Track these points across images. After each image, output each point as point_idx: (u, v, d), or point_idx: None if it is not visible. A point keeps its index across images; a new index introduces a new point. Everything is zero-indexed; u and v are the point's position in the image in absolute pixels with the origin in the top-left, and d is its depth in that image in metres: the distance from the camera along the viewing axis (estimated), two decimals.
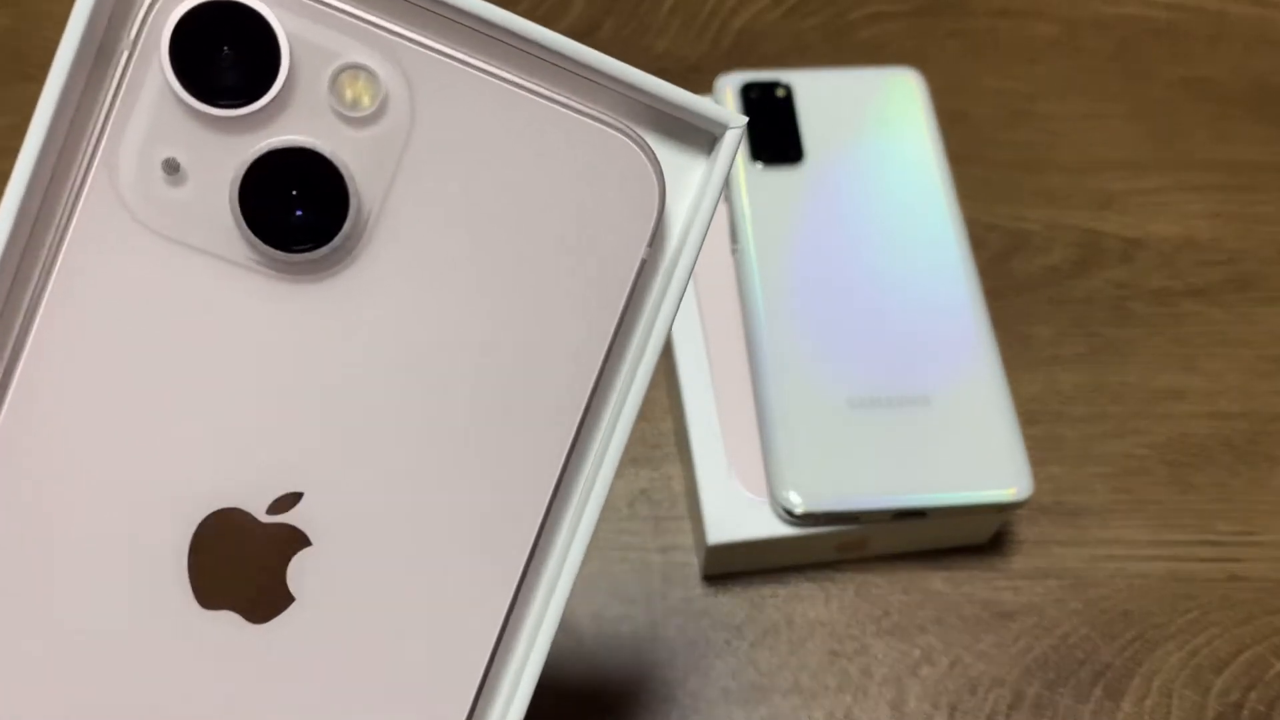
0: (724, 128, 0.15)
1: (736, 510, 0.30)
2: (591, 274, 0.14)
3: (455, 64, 0.14)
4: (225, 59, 0.13)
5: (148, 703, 0.14)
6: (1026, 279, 0.38)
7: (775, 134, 0.35)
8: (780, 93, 0.36)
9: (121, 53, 0.14)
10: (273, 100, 0.13)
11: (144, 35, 0.13)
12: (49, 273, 0.14)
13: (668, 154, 0.15)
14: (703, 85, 0.41)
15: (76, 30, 0.13)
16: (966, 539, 0.32)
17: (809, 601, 0.32)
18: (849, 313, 0.32)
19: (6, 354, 0.14)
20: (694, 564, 0.32)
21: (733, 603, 0.32)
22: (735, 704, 0.30)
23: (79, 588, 0.14)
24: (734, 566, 0.32)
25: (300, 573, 0.14)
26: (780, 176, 0.34)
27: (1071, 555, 0.33)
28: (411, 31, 0.14)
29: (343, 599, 0.14)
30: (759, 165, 0.34)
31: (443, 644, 0.14)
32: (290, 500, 0.14)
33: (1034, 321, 0.37)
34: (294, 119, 0.13)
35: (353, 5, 0.13)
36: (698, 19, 0.44)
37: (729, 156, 0.15)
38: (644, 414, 0.35)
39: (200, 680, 0.14)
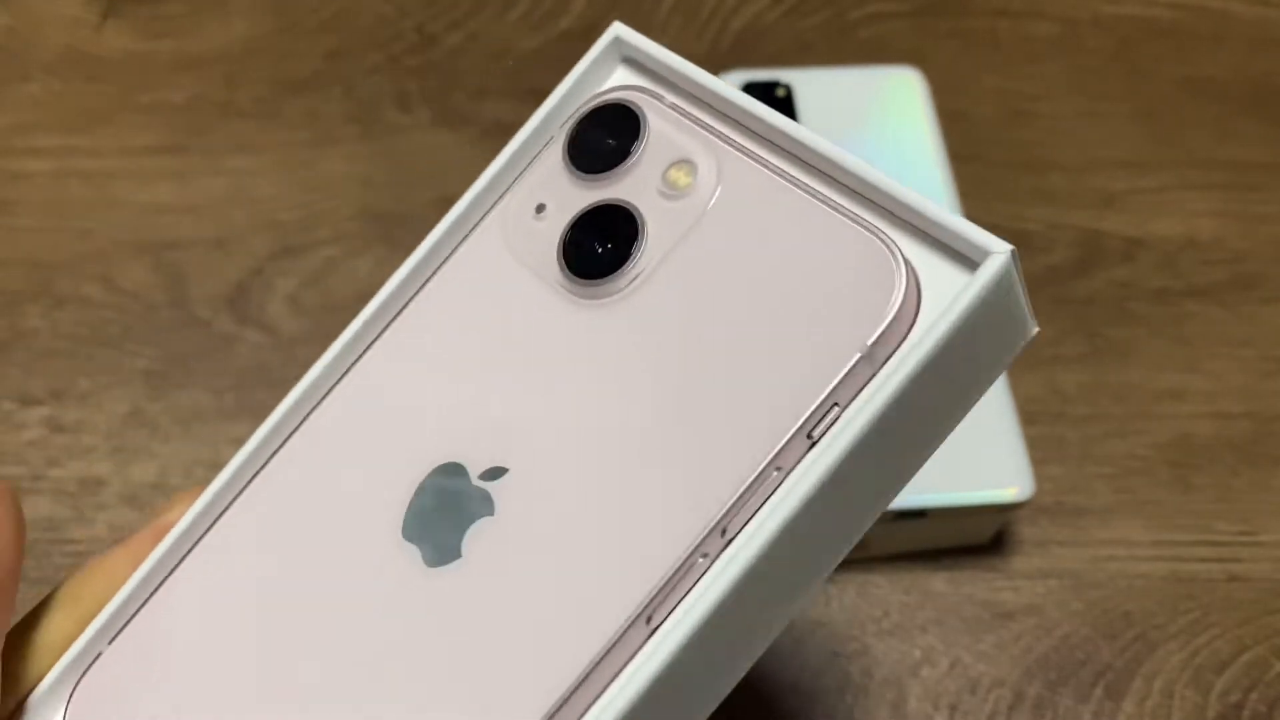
0: (985, 253, 0.15)
1: None
2: (810, 355, 0.15)
3: (757, 164, 0.17)
4: (602, 140, 0.18)
5: (336, 590, 0.17)
6: (1027, 278, 0.38)
7: None
8: (780, 92, 0.36)
9: (550, 138, 0.18)
10: (618, 172, 0.17)
11: (561, 128, 0.18)
12: (446, 261, 0.18)
13: (936, 265, 0.16)
14: None
15: (529, 128, 0.18)
16: (967, 539, 0.32)
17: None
18: None
19: (394, 313, 0.18)
20: None
21: None
22: (734, 705, 0.30)
23: (337, 490, 0.18)
24: None
25: (475, 535, 0.17)
26: None
27: (1072, 556, 0.33)
28: (732, 132, 0.17)
29: (497, 570, 0.16)
30: None
31: (552, 643, 0.16)
32: (496, 472, 0.17)
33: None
34: (628, 185, 0.17)
35: (699, 112, 0.18)
36: (698, 18, 0.44)
37: (984, 282, 0.15)
38: None
39: (377, 590, 0.17)
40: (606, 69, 0.19)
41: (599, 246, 0.17)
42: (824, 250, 0.16)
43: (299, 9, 0.44)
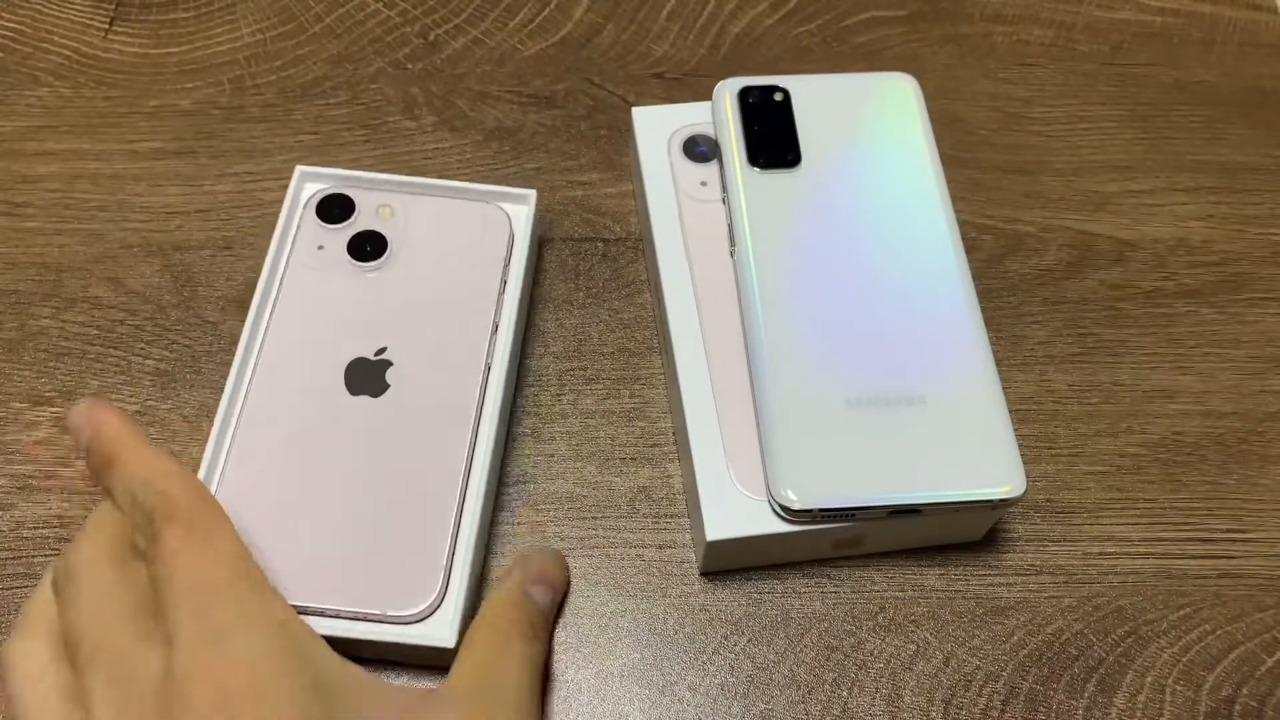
0: (528, 194, 0.36)
1: (735, 507, 0.30)
2: (484, 279, 0.35)
3: (419, 195, 0.36)
4: (336, 209, 0.36)
5: (323, 429, 0.32)
6: (1021, 280, 0.38)
7: (773, 138, 0.35)
8: (778, 97, 0.36)
9: (300, 217, 0.36)
10: (352, 220, 0.36)
11: (304, 210, 0.36)
12: (281, 285, 0.35)
13: (509, 208, 0.36)
14: (701, 90, 0.42)
15: (283, 215, 0.36)
16: (961, 536, 0.33)
17: (806, 597, 0.32)
18: (846, 314, 0.32)
19: (266, 313, 0.34)
20: (692, 560, 0.33)
21: (731, 598, 0.32)
22: (733, 698, 0.31)
23: (297, 392, 0.33)
24: (732, 563, 0.32)
25: (390, 376, 0.33)
26: (777, 180, 0.35)
27: (1065, 552, 0.33)
28: (397, 185, 0.36)
29: (411, 386, 0.33)
30: (756, 169, 0.35)
31: (452, 402, 0.33)
32: (383, 349, 0.33)
33: (1028, 322, 0.38)
34: (363, 220, 0.36)
35: (376, 182, 0.36)
36: (696, 24, 0.45)
37: (528, 217, 0.36)
38: (643, 413, 0.35)
39: (349, 421, 0.32)
40: (300, 186, 0.36)
41: (368, 247, 0.35)
42: (470, 221, 0.36)
43: (305, 14, 0.44)
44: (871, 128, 0.36)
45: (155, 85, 0.42)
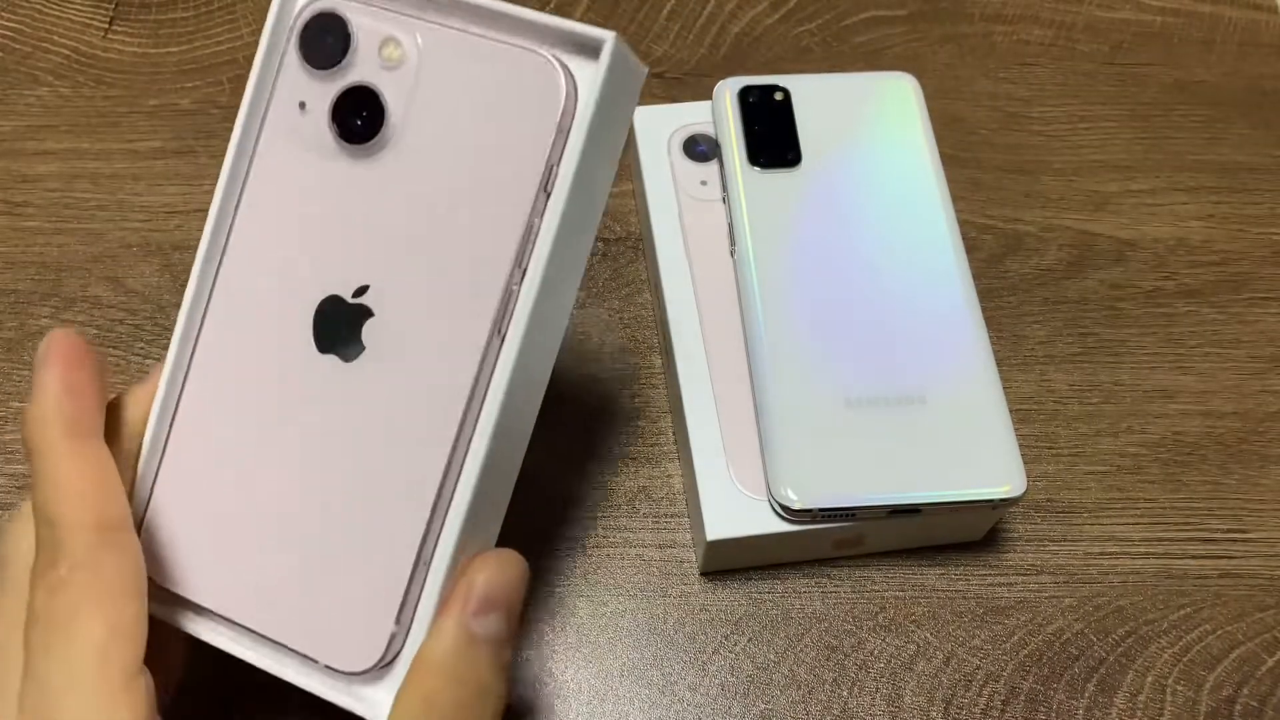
0: (602, 41, 0.22)
1: (735, 507, 0.30)
2: (516, 181, 0.22)
3: (441, 27, 0.23)
4: (324, 41, 0.23)
5: (280, 399, 0.24)
6: (1021, 279, 0.38)
7: (773, 137, 0.35)
8: (778, 96, 0.36)
9: (283, 52, 0.24)
10: (345, 63, 0.23)
11: (289, 41, 0.24)
12: (251, 166, 0.24)
13: (582, 67, 0.22)
14: (701, 89, 0.42)
15: (263, 46, 0.24)
16: (962, 536, 0.33)
17: (806, 597, 0.32)
18: (846, 313, 0.32)
19: (231, 212, 0.24)
20: (693, 560, 0.33)
21: (731, 598, 0.32)
22: (733, 697, 0.31)
23: (256, 338, 0.24)
24: (732, 562, 0.32)
25: (368, 333, 0.23)
26: (778, 179, 0.35)
27: (1065, 552, 0.33)
28: (417, 12, 0.23)
29: (391, 349, 0.23)
30: (757, 168, 0.35)
31: (445, 372, 0.23)
32: (363, 290, 0.23)
33: (1028, 321, 0.38)
34: (358, 69, 0.23)
35: (387, 3, 0.23)
36: (696, 24, 0.45)
37: (608, 59, 0.22)
38: (643, 413, 0.35)
39: (311, 391, 0.23)
40: None
41: (358, 119, 0.23)
42: (510, 75, 0.22)
43: None
44: (872, 127, 0.36)
45: (155, 85, 0.42)
